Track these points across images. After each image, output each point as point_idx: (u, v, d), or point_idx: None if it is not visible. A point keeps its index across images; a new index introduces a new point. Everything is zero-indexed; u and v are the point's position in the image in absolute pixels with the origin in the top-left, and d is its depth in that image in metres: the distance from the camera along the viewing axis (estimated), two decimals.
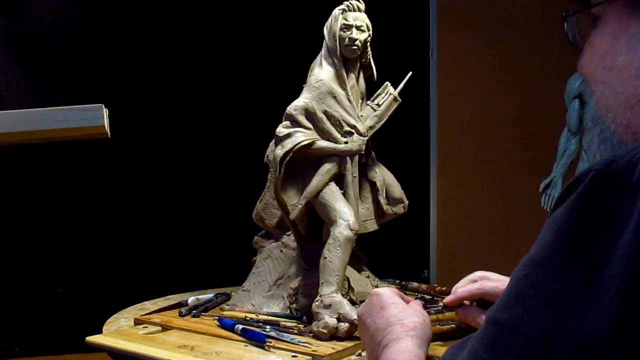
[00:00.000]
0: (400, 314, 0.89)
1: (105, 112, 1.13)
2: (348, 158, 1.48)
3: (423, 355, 0.84)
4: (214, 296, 1.62)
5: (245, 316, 1.44)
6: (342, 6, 1.50)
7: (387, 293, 0.95)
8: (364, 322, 0.93)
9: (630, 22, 0.71)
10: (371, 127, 1.53)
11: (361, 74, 1.56)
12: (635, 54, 0.70)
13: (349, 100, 1.50)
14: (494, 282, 1.06)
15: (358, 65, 1.54)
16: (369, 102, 1.56)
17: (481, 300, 1.08)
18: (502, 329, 0.60)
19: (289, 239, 1.56)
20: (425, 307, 1.21)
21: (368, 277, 1.63)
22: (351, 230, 1.39)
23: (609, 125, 0.73)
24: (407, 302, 1.01)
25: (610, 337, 0.54)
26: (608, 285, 0.55)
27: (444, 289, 1.68)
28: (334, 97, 1.48)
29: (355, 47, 1.48)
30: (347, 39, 1.48)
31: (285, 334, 1.30)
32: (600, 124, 0.74)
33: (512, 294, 0.61)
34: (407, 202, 1.62)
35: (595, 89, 0.75)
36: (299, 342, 1.27)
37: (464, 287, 1.09)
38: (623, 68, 0.71)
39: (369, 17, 1.52)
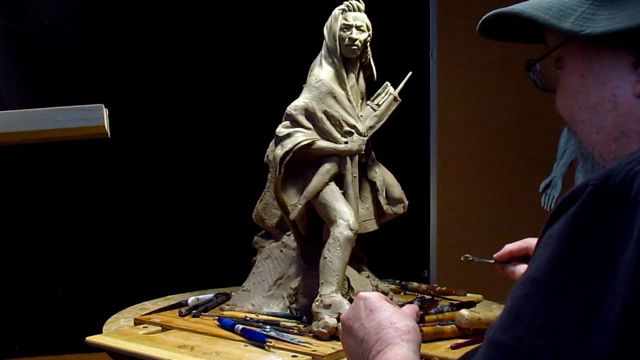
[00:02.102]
0: (393, 317, 0.84)
1: (105, 112, 1.13)
2: (348, 158, 1.48)
3: None
4: (214, 296, 1.62)
5: (245, 316, 1.44)
6: (342, 6, 1.50)
7: (375, 296, 0.90)
8: (351, 326, 0.87)
9: (592, 59, 0.71)
10: (371, 127, 1.53)
11: (361, 74, 1.56)
12: (605, 89, 0.70)
13: (349, 100, 1.49)
14: None
15: (358, 65, 1.54)
16: (369, 102, 1.56)
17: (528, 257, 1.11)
18: (502, 351, 0.59)
19: (289, 239, 1.56)
20: (422, 309, 1.21)
21: (368, 277, 1.63)
22: (351, 230, 1.39)
23: (597, 161, 0.73)
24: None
25: (615, 357, 0.53)
26: (611, 305, 0.54)
27: (444, 289, 1.68)
28: (334, 97, 1.48)
29: (355, 47, 1.48)
30: (347, 39, 1.48)
31: (285, 334, 1.30)
32: (590, 161, 0.74)
33: (511, 315, 0.60)
34: (407, 202, 1.62)
35: (577, 128, 0.76)
36: (299, 342, 1.27)
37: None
38: (597, 104, 0.71)
39: (369, 17, 1.52)
